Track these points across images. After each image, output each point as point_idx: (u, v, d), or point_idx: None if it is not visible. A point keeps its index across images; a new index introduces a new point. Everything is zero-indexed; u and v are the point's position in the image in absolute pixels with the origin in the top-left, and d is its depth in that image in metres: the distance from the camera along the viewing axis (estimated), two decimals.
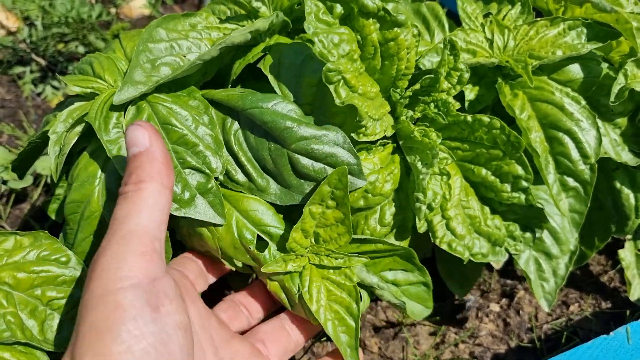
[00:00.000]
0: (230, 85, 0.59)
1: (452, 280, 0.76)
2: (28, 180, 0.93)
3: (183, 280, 0.51)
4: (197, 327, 0.48)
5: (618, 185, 0.71)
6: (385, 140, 0.55)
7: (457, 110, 0.57)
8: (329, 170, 0.51)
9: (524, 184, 0.54)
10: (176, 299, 0.40)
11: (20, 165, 0.67)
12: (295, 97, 0.54)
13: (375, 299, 0.80)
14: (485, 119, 0.52)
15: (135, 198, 0.41)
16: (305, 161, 0.51)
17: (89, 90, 0.56)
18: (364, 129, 0.50)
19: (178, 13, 0.57)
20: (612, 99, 0.60)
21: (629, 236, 0.79)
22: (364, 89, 0.50)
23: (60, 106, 0.67)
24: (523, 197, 0.54)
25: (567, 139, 0.61)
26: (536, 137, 0.59)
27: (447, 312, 0.82)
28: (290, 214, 0.55)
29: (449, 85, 0.53)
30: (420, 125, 0.54)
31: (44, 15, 1.22)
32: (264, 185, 0.53)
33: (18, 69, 1.22)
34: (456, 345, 0.78)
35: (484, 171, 0.55)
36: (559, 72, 0.62)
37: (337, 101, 0.48)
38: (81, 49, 1.33)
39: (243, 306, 0.56)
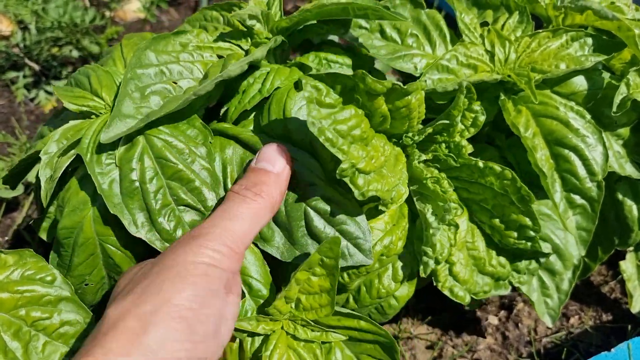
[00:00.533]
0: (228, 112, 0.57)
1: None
2: (19, 189, 0.91)
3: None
4: None
5: (620, 197, 0.69)
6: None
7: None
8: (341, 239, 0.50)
9: (532, 234, 0.53)
10: (239, 297, 0.45)
11: (12, 179, 0.65)
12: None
13: None
14: (497, 168, 0.51)
15: (248, 205, 0.45)
16: (319, 222, 0.50)
17: (85, 109, 0.54)
18: (390, 201, 0.49)
19: (167, 32, 0.54)
20: (614, 109, 0.59)
21: (630, 248, 0.78)
22: (377, 161, 0.48)
23: (57, 116, 0.65)
24: (529, 244, 0.54)
25: (573, 156, 0.60)
26: (542, 156, 0.58)
27: (445, 324, 0.81)
28: (277, 268, 0.53)
29: (463, 127, 0.51)
30: (431, 167, 0.52)
31: (37, 19, 1.20)
32: (268, 235, 0.51)
33: (11, 74, 1.20)
34: (454, 359, 0.76)
35: (490, 215, 0.54)
36: (562, 84, 0.61)
37: (356, 193, 0.46)
38: (75, 54, 1.31)
39: None
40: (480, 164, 0.51)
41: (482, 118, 0.50)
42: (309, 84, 0.44)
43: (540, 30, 0.60)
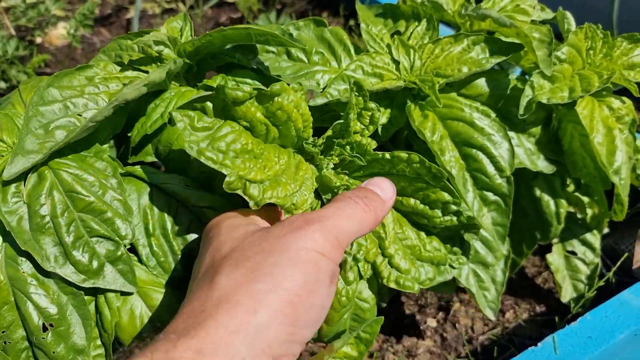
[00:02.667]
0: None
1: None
2: None
3: None
4: None
5: (538, 193, 0.71)
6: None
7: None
8: None
9: (454, 207, 0.53)
10: (335, 286, 0.45)
11: None
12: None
13: None
14: (403, 154, 0.51)
15: (360, 210, 0.46)
16: None
17: None
18: (292, 206, 0.49)
19: (71, 69, 0.53)
20: (521, 111, 0.60)
21: (555, 240, 0.80)
22: (271, 171, 0.48)
23: None
24: (455, 218, 0.54)
25: (481, 155, 0.61)
26: (451, 157, 0.59)
27: (385, 331, 0.81)
28: None
29: (362, 127, 0.51)
30: (341, 174, 0.53)
31: None
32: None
33: None
34: None
35: (412, 201, 0.54)
36: (467, 87, 0.62)
37: (251, 203, 0.46)
38: (2, 84, 1.27)
39: None
40: (387, 155, 0.52)
41: (378, 115, 0.51)
42: (179, 114, 0.45)
43: (442, 37, 0.61)
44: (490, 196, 0.61)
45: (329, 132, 0.52)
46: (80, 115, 0.52)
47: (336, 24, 1.53)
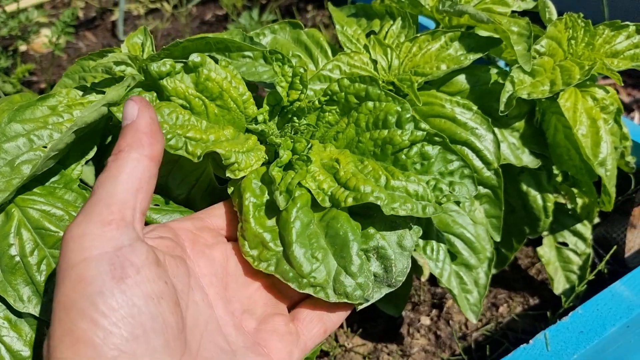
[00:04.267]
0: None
1: (384, 302, 0.74)
2: None
3: (184, 236, 0.47)
4: (207, 281, 0.45)
5: (525, 188, 0.70)
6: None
7: None
8: None
9: (407, 115, 0.47)
10: (147, 266, 0.38)
11: None
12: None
13: None
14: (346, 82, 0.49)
15: (111, 167, 0.40)
16: None
17: None
18: (235, 165, 0.47)
19: (32, 100, 0.52)
20: (501, 108, 0.59)
21: (545, 232, 0.80)
22: (215, 135, 0.47)
23: None
24: (417, 133, 0.47)
25: (467, 150, 0.60)
26: None
27: (379, 332, 0.81)
28: None
29: (298, 92, 0.49)
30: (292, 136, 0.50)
31: None
32: None
33: None
34: None
35: (367, 135, 0.48)
36: (447, 84, 0.61)
37: (194, 160, 0.45)
38: None
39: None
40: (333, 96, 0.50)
41: (301, 70, 0.49)
42: (118, 110, 0.46)
43: (419, 34, 0.60)
44: (482, 189, 0.60)
45: (266, 107, 0.50)
46: (46, 147, 0.51)
47: (321, 16, 1.51)
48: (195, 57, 0.47)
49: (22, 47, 1.56)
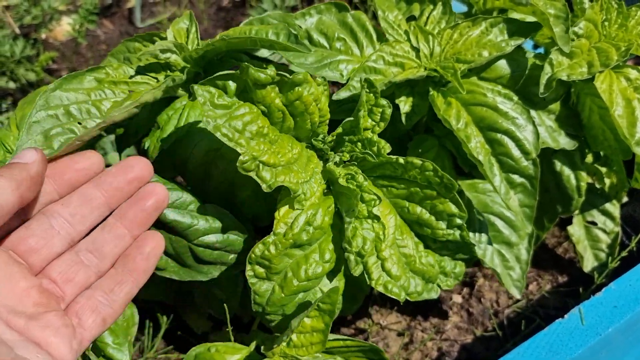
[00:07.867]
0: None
1: None
2: None
3: None
4: None
5: (559, 167, 0.72)
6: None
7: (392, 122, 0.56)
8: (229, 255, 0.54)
9: (459, 221, 0.54)
10: None
11: None
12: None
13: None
14: (417, 161, 0.52)
15: None
16: (205, 251, 0.54)
17: None
18: (301, 196, 0.49)
19: (82, 70, 0.51)
20: (541, 90, 0.61)
21: (576, 211, 0.82)
22: (284, 157, 0.48)
23: None
24: (458, 233, 0.55)
25: (506, 139, 0.61)
26: (477, 144, 0.59)
27: (412, 309, 0.83)
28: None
29: (373, 123, 0.52)
30: (349, 167, 0.53)
31: None
32: (163, 264, 0.54)
33: None
34: (424, 343, 0.79)
35: (418, 209, 0.55)
36: (488, 70, 0.62)
37: (263, 187, 0.47)
38: (12, 85, 1.27)
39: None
40: (401, 160, 0.52)
41: (389, 111, 0.51)
42: (200, 89, 0.46)
43: (460, 21, 0.61)
44: (517, 179, 0.61)
45: (339, 130, 0.52)
46: (80, 124, 0.50)
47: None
48: (299, 75, 0.47)
49: (42, 36, 1.57)
